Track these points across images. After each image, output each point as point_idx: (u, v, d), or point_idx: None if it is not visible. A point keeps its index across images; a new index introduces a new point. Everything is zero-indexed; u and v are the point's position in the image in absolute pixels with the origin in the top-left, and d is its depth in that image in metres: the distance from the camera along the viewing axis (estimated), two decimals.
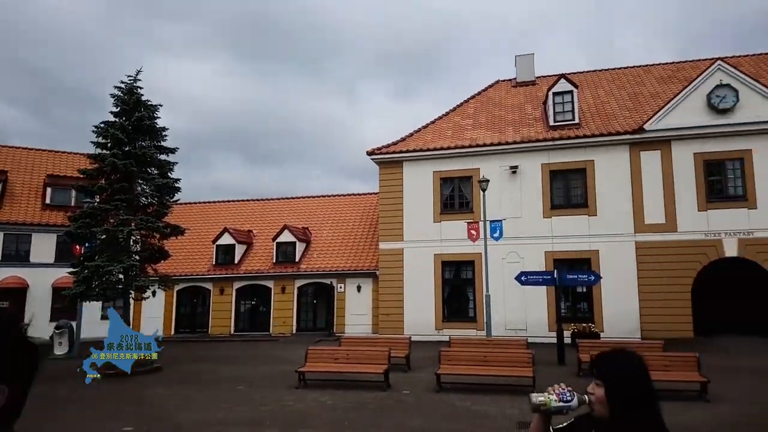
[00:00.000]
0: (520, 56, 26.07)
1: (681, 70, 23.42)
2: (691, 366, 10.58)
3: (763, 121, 18.39)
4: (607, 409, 2.04)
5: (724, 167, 18.91)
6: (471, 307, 20.70)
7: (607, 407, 2.03)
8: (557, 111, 21.32)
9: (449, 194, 21.49)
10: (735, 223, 18.41)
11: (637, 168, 19.50)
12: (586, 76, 24.89)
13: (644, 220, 19.15)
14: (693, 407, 9.60)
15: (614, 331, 18.42)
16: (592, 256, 19.43)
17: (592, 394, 2.09)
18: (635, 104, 21.70)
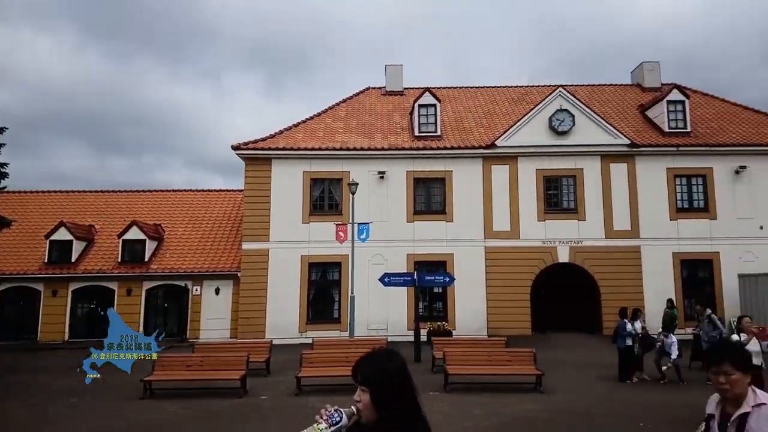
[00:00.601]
0: (390, 66, 26.98)
1: (529, 94, 26.11)
2: (528, 360, 11.74)
3: (592, 144, 21.20)
4: (374, 413, 2.01)
5: (560, 183, 21.43)
6: (336, 309, 20.82)
7: (374, 412, 2.01)
8: (422, 122, 22.41)
9: (319, 195, 21.42)
10: (567, 232, 20.95)
11: (489, 180, 21.27)
12: (449, 91, 26.56)
13: (493, 228, 20.95)
14: (529, 398, 10.66)
15: (464, 329, 19.82)
16: (447, 259, 20.72)
17: (359, 402, 2.05)
18: (489, 121, 23.67)
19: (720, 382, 2.66)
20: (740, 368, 2.64)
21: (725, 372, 2.63)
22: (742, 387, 2.64)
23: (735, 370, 2.63)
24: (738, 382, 2.62)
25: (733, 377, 2.62)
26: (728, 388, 2.64)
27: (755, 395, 2.64)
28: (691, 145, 21.26)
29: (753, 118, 23.37)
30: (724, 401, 2.74)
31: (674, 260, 20.82)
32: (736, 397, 2.64)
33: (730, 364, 2.64)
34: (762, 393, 2.67)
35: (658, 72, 26.90)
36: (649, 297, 20.17)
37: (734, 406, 2.66)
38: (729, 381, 2.63)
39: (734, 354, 2.69)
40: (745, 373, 2.65)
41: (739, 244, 20.69)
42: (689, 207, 21.25)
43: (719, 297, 20.46)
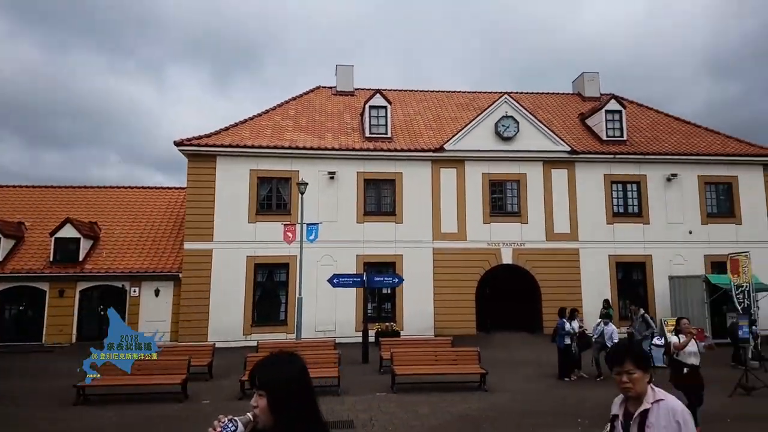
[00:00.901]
0: (341, 66, 26.90)
1: (476, 99, 26.71)
2: (473, 359, 11.98)
3: (535, 150, 21.94)
4: (271, 418, 1.97)
5: (505, 187, 22.04)
6: (282, 311, 20.48)
7: (271, 417, 1.96)
8: (372, 123, 22.47)
9: (266, 195, 21.03)
10: (511, 235, 21.57)
11: (437, 182, 21.59)
12: (399, 94, 26.78)
13: (441, 229, 21.27)
14: (474, 397, 10.87)
15: (412, 329, 20.01)
16: (397, 260, 20.86)
17: (256, 407, 2.00)
18: (438, 125, 24.04)
19: (623, 382, 2.75)
20: (641, 367, 2.75)
21: (627, 371, 2.73)
22: (642, 385, 2.74)
23: (636, 369, 2.73)
24: (639, 380, 2.73)
25: (635, 376, 2.72)
26: (631, 387, 2.73)
27: (654, 392, 2.76)
28: (627, 153, 22.41)
29: (684, 129, 24.92)
30: (626, 401, 2.85)
31: (610, 262, 21.86)
32: (638, 395, 2.74)
33: (632, 363, 2.73)
34: (660, 390, 2.78)
35: (597, 82, 28.21)
36: (586, 297, 21.06)
37: (636, 405, 2.77)
38: (631, 380, 2.72)
39: (635, 354, 2.79)
40: (645, 371, 2.76)
41: (669, 247, 21.99)
42: (624, 212, 22.37)
43: (651, 297, 21.65)
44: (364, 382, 12.34)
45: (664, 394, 2.77)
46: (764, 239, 22.33)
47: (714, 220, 22.41)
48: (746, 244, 20.90)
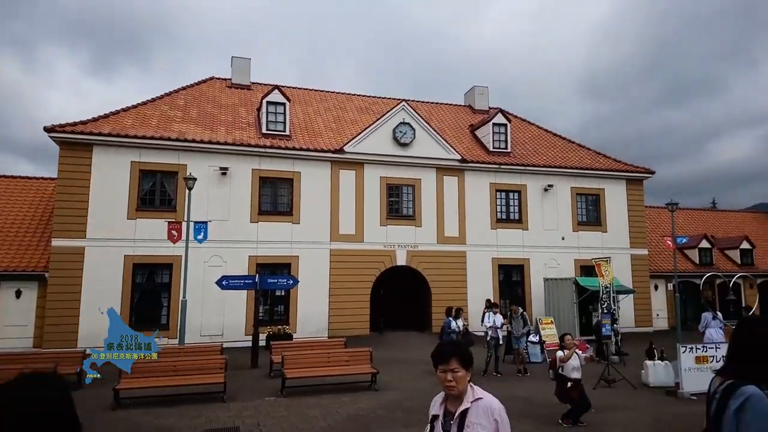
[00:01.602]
0: (237, 58, 25.91)
1: (376, 104, 27.13)
2: (365, 360, 12.08)
3: (430, 157, 22.74)
4: None
5: (401, 191, 22.60)
6: (164, 314, 19.15)
7: None
8: (270, 120, 21.87)
9: (149, 189, 19.56)
10: (405, 237, 22.15)
11: (336, 184, 21.56)
12: (299, 92, 26.39)
13: (339, 231, 21.26)
14: (365, 396, 10.96)
15: (306, 331, 19.75)
16: (292, 262, 20.47)
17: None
18: (339, 127, 24.05)
19: (447, 380, 2.73)
20: (465, 366, 2.76)
21: (453, 370, 2.73)
22: (464, 383, 2.75)
23: (461, 368, 2.74)
24: (463, 379, 2.74)
25: (459, 374, 2.73)
26: (454, 385, 2.73)
27: (473, 391, 2.78)
28: (511, 164, 24.04)
29: (560, 144, 27.28)
30: (446, 400, 2.83)
31: (493, 264, 23.28)
32: (460, 394, 2.74)
33: (458, 362, 2.73)
34: (478, 389, 2.81)
35: (486, 96, 29.99)
36: (471, 297, 22.22)
37: (456, 404, 2.76)
38: (456, 378, 2.72)
39: (461, 352, 2.79)
40: (468, 370, 2.77)
41: (545, 252, 23.92)
42: (507, 218, 23.96)
43: (528, 297, 23.39)
44: (252, 387, 11.92)
45: (483, 392, 2.78)
46: (625, 246, 25.14)
47: (583, 227, 24.78)
48: (610, 250, 23.40)
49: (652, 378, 12.14)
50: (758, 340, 2.43)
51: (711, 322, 15.16)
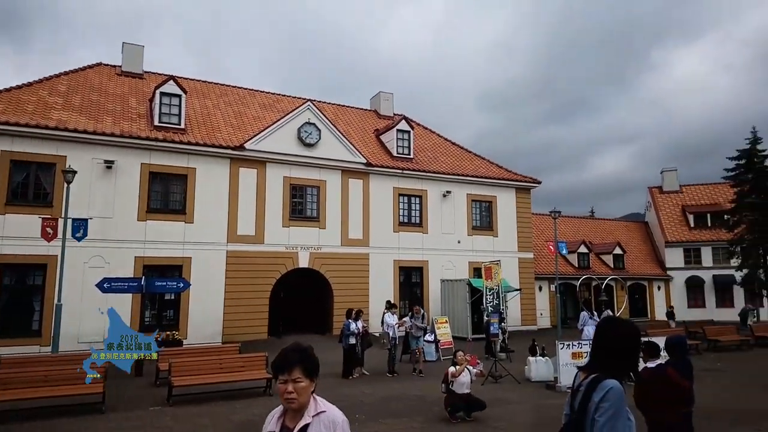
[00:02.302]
0: (129, 45, 24.16)
1: (280, 102, 26.59)
2: (260, 365, 11.74)
3: (335, 159, 22.71)
4: None
5: (305, 192, 22.32)
6: (36, 320, 17.25)
7: None
8: (163, 112, 20.60)
9: (22, 182, 17.55)
10: (309, 239, 21.90)
11: (236, 182, 20.79)
12: (196, 84, 25.15)
13: (237, 231, 20.50)
14: (258, 402, 10.65)
15: (198, 337, 18.78)
16: (184, 263, 19.40)
17: None
18: (239, 122, 23.24)
19: (288, 392, 2.43)
20: (309, 375, 2.48)
21: (295, 380, 2.43)
22: (307, 396, 2.47)
23: (305, 377, 2.45)
24: (306, 390, 2.46)
25: (302, 385, 2.44)
26: (295, 398, 2.43)
27: (316, 403, 2.50)
28: (413, 170, 24.72)
29: (458, 153, 28.53)
30: (284, 415, 2.52)
31: (395, 266, 23.77)
32: (301, 407, 2.45)
33: (301, 371, 2.45)
34: (322, 401, 2.54)
35: (391, 102, 30.61)
36: (373, 298, 22.49)
37: (296, 419, 2.46)
38: (297, 389, 2.42)
39: (305, 359, 2.50)
40: (312, 380, 2.50)
41: (442, 254, 24.86)
42: (408, 222, 24.60)
43: (426, 298, 24.16)
44: (136, 397, 11.12)
45: (326, 404, 2.53)
46: (513, 250, 26.84)
47: (477, 232, 26.11)
48: (500, 254, 24.83)
49: (534, 373, 13.03)
50: (617, 340, 2.69)
51: (588, 320, 16.65)
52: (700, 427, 7.47)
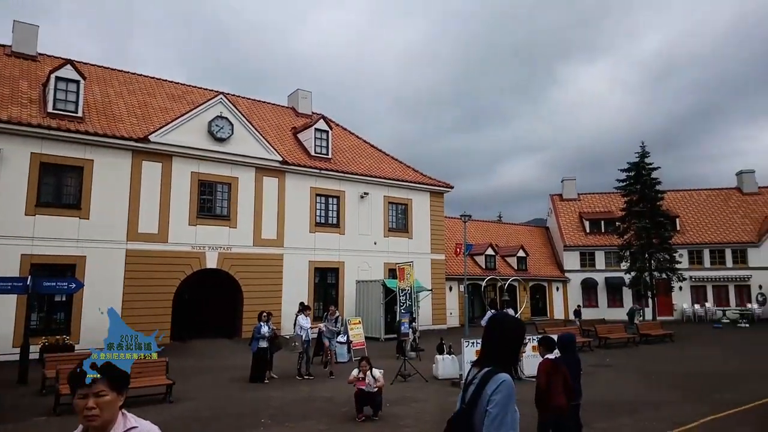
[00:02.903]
0: (21, 23, 21.94)
1: (190, 93, 25.35)
2: (160, 371, 11.10)
3: (249, 155, 22.03)
4: None
5: (215, 189, 21.44)
6: None
7: None
8: (59, 98, 18.92)
9: None
10: (218, 238, 21.05)
11: (138, 176, 19.51)
12: (98, 70, 23.37)
13: (138, 229, 19.25)
14: (156, 410, 10.04)
15: (92, 341, 17.34)
16: (78, 262, 17.91)
17: None
18: (144, 113, 21.86)
19: (88, 407, 2.13)
20: (115, 387, 2.20)
21: (97, 393, 2.15)
22: (113, 411, 2.17)
23: (109, 390, 2.17)
24: (111, 405, 2.16)
25: (106, 399, 2.14)
26: (97, 414, 2.12)
27: (125, 419, 2.22)
28: (331, 170, 24.61)
29: (376, 155, 28.80)
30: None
31: (310, 268, 23.50)
32: (105, 425, 2.15)
33: (105, 382, 2.16)
34: (134, 417, 2.27)
35: (310, 100, 30.29)
36: (287, 300, 22.06)
37: None
38: (100, 404, 2.13)
39: (110, 369, 2.26)
40: (120, 393, 2.20)
41: (359, 255, 24.96)
42: (325, 222, 24.44)
43: (342, 299, 24.12)
44: (19, 407, 10.10)
45: (137, 420, 2.25)
46: (426, 251, 27.53)
47: (393, 233, 26.51)
48: (414, 255, 25.37)
49: (441, 371, 13.42)
50: (504, 335, 2.81)
51: None
52: (588, 418, 8.08)
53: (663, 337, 22.80)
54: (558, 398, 5.98)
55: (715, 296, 36.84)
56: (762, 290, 35.91)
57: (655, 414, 9.48)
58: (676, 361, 16.86)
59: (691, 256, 37.29)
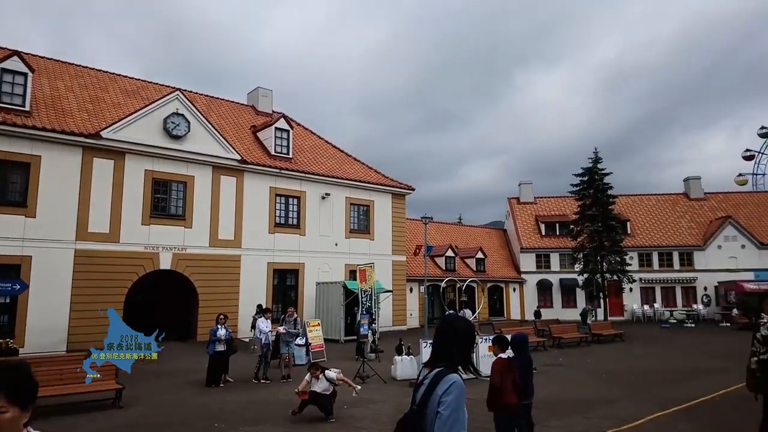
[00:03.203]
0: None
1: (145, 89, 24.57)
2: (109, 375, 10.68)
3: (206, 154, 21.53)
4: None
5: (170, 187, 20.85)
6: None
7: None
8: (4, 91, 18.01)
9: None
10: (173, 238, 20.46)
11: (89, 174, 18.76)
12: (47, 62, 22.36)
13: (88, 228, 18.50)
14: (104, 415, 9.69)
15: (38, 345, 16.63)
16: (23, 262, 17.07)
17: None
18: (96, 108, 21.03)
19: None
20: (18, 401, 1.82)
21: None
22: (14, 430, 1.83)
23: (9, 405, 1.79)
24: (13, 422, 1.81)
25: (6, 416, 1.78)
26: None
27: None
28: (292, 170, 24.35)
29: (338, 156, 28.68)
30: None
31: (269, 269, 23.17)
32: None
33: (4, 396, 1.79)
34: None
35: (270, 99, 29.88)
36: (244, 302, 21.68)
37: None
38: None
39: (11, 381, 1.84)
40: (24, 408, 1.83)
41: (319, 257, 24.79)
42: (285, 223, 24.16)
43: (301, 301, 23.88)
44: None
45: None
46: (387, 253, 27.61)
47: (355, 235, 26.47)
48: (375, 257, 25.41)
49: (399, 372, 13.47)
50: (456, 336, 2.84)
51: None
52: (541, 416, 8.27)
53: (614, 337, 23.62)
54: (509, 397, 6.10)
55: (663, 297, 38.43)
56: (707, 292, 37.73)
57: (604, 412, 9.80)
58: (626, 360, 17.49)
59: (641, 258, 38.79)
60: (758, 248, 37.75)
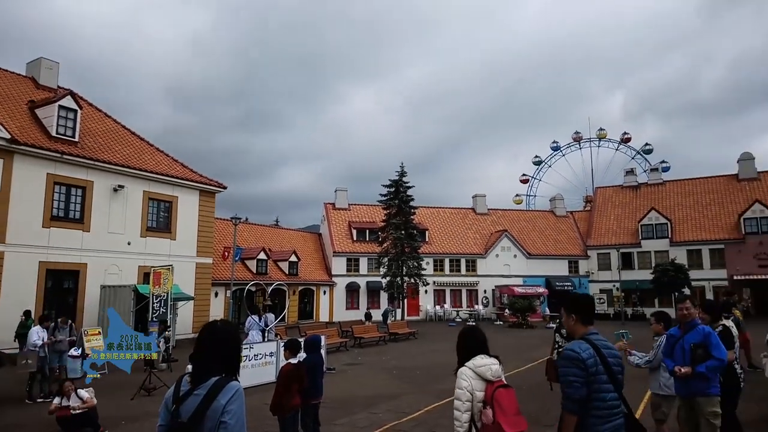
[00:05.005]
0: None
1: None
2: None
3: None
4: None
5: None
6: None
7: None
8: None
9: None
10: None
11: None
12: None
13: None
14: None
15: None
16: None
17: None
18: None
19: None
20: None
21: None
22: None
23: None
24: None
25: None
26: None
27: None
28: (77, 156, 21.25)
29: (137, 144, 25.92)
30: None
31: (41, 269, 19.82)
32: None
33: None
34: None
35: (56, 72, 25.71)
36: (6, 307, 18.14)
37: None
38: None
39: None
40: None
41: (107, 257, 22.02)
42: (65, 216, 20.94)
43: (81, 307, 20.92)
44: None
45: None
46: (192, 254, 25.85)
47: (153, 233, 24.15)
48: (177, 258, 23.58)
49: None
50: (222, 344, 2.72)
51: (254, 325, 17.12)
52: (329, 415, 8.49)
53: (408, 335, 25.67)
54: (294, 399, 6.17)
55: (452, 299, 43.27)
56: (486, 294, 43.61)
57: (388, 405, 10.51)
58: (415, 356, 19.11)
59: (435, 263, 43.10)
60: (527, 258, 45.03)
